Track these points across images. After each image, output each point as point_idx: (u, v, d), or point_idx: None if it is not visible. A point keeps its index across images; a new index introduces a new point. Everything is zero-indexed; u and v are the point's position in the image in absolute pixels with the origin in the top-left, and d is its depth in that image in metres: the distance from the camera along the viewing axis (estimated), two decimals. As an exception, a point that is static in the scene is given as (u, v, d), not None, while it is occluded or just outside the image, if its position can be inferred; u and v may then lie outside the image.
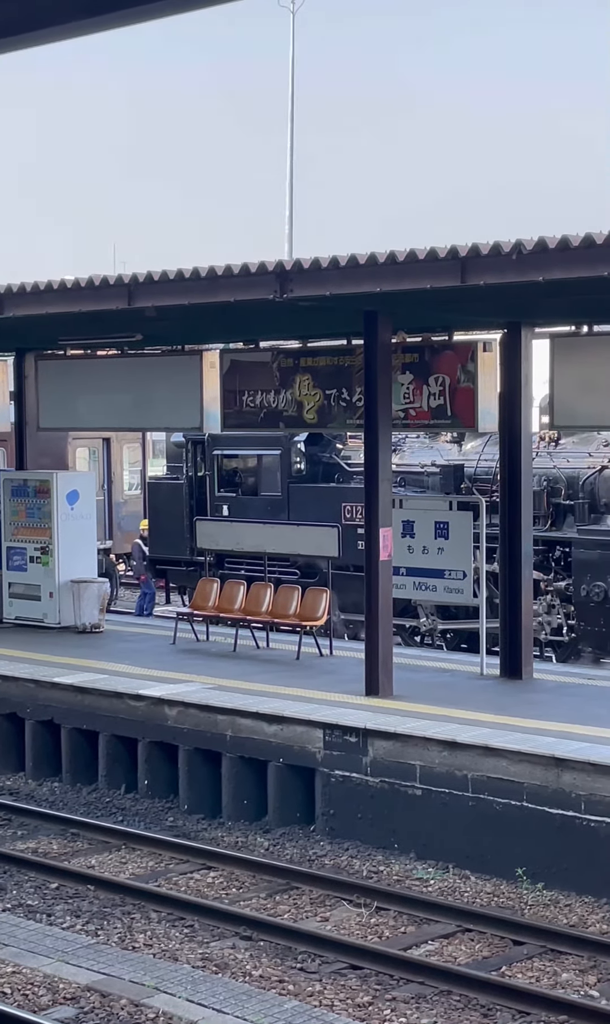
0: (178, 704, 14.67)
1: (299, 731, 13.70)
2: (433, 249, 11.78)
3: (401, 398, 15.39)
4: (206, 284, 13.33)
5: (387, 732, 13.10)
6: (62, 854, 13.05)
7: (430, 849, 12.57)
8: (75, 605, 19.01)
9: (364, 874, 12.33)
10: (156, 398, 17.76)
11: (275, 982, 9.86)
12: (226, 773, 14.15)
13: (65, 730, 15.66)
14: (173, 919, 11.20)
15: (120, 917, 11.25)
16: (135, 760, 15.03)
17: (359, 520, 20.28)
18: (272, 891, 11.93)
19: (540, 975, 10.15)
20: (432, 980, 9.91)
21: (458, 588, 15.82)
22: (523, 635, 15.55)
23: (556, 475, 19.87)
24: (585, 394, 14.47)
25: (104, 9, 3.97)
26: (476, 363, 15.00)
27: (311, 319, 14.99)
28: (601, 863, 11.54)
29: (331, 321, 15.15)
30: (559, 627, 19.56)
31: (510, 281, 11.65)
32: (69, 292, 14.59)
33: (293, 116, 50.57)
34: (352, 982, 9.96)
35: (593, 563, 18.89)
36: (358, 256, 12.21)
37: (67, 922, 11.09)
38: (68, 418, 19.51)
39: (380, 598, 14.64)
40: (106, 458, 27.60)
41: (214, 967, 10.03)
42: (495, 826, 12.22)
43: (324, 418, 16.44)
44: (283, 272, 12.77)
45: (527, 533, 15.60)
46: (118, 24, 4.07)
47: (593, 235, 10.89)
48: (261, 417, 16.96)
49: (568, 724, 13.10)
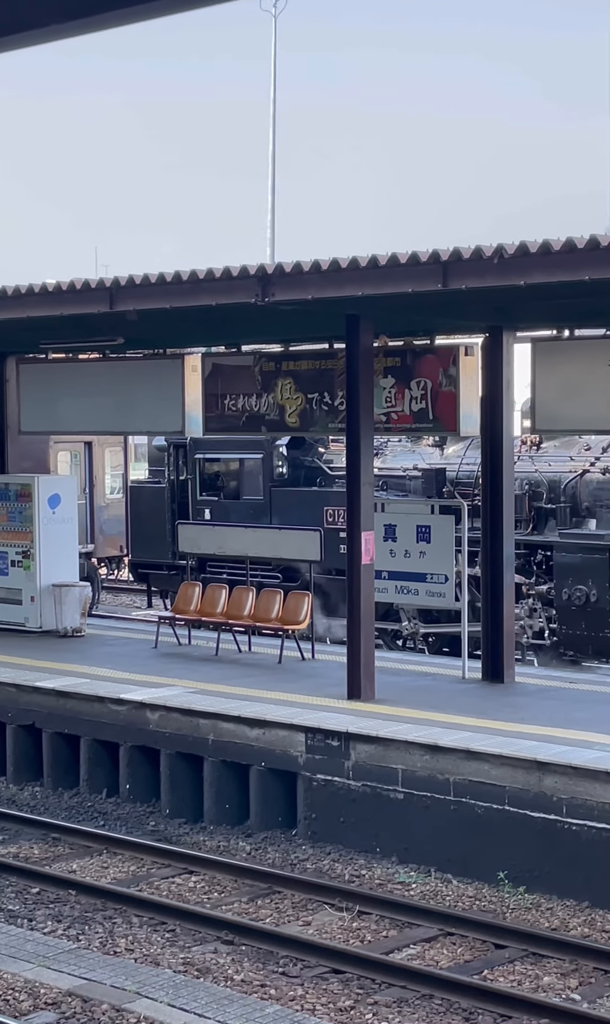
0: (160, 708, 14.65)
1: (281, 735, 13.69)
2: (415, 253, 11.80)
3: (383, 402, 15.40)
4: (188, 288, 13.33)
5: (369, 736, 13.10)
6: (43, 859, 13.02)
7: (412, 853, 12.57)
8: (56, 609, 18.97)
9: (346, 878, 12.32)
10: (138, 402, 17.74)
11: (257, 986, 9.85)
12: (208, 777, 14.13)
13: (46, 734, 15.62)
14: (154, 924, 11.18)
15: (101, 922, 11.23)
16: (117, 764, 15.00)
17: (341, 524, 20.31)
18: (254, 895, 11.92)
19: (522, 979, 10.16)
20: (414, 984, 9.90)
21: (440, 592, 15.83)
22: (505, 639, 15.57)
23: (538, 479, 19.90)
24: (566, 398, 14.50)
25: (83, 13, 3.97)
26: (458, 367, 15.02)
27: (293, 323, 15.00)
28: (582, 866, 11.55)
29: (313, 325, 15.16)
30: (541, 631, 19.59)
31: (491, 285, 11.67)
32: (51, 296, 14.58)
33: (275, 119, 50.62)
34: (334, 986, 9.95)
35: (574, 567, 18.92)
36: (340, 260, 12.22)
37: (48, 927, 11.06)
38: (50, 422, 19.47)
39: (362, 602, 14.64)
40: (88, 462, 27.55)
41: (196, 972, 10.01)
42: (477, 830, 12.22)
43: (306, 422, 16.44)
44: (265, 276, 12.77)
45: (509, 537, 15.62)
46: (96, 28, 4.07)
47: (574, 239, 10.92)
48: (243, 421, 16.95)
49: (550, 728, 13.11)
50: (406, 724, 13.33)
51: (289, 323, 15.08)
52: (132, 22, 4.01)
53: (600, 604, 18.72)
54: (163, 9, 3.92)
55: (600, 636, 18.85)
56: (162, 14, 3.95)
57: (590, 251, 10.89)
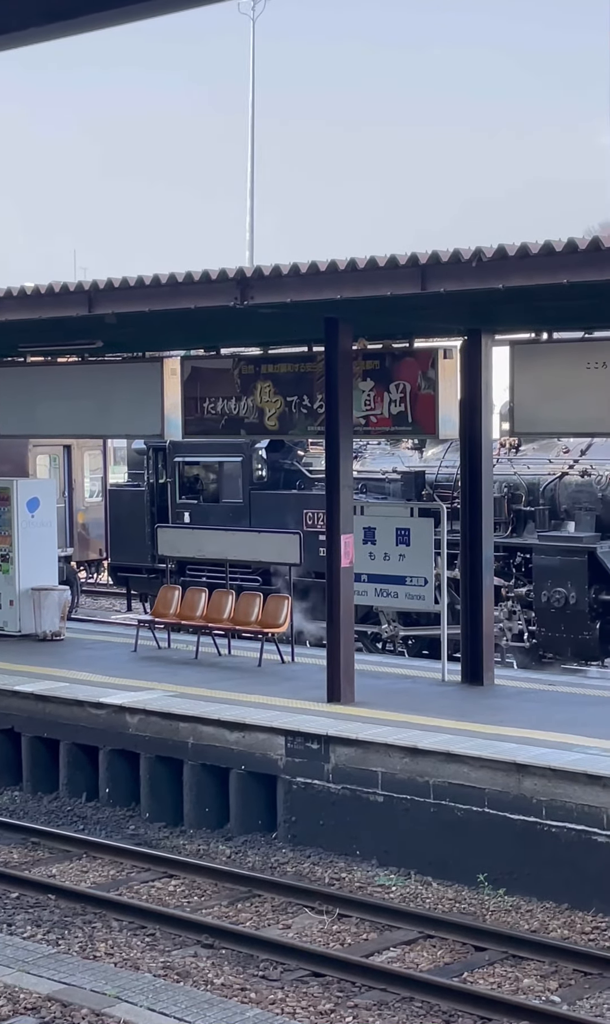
0: (139, 712, 14.63)
1: (261, 738, 13.69)
2: (393, 256, 11.81)
3: (362, 405, 15.41)
4: (167, 291, 13.32)
5: (349, 739, 13.10)
6: (23, 863, 12.98)
7: (392, 855, 12.58)
8: (36, 613, 18.93)
9: (326, 881, 12.32)
10: (117, 405, 17.70)
11: (237, 990, 9.84)
12: (188, 781, 14.12)
13: (26, 738, 15.58)
14: (134, 928, 11.17)
15: (81, 926, 11.21)
16: (96, 768, 14.98)
17: (321, 527, 20.32)
18: (234, 899, 11.91)
19: (502, 981, 10.17)
20: (394, 987, 9.91)
21: (420, 595, 15.84)
22: (484, 641, 15.59)
23: (517, 482, 19.93)
24: (545, 401, 14.53)
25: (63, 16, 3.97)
26: (437, 370, 15.04)
27: (272, 326, 14.99)
28: (562, 868, 11.58)
29: (292, 328, 15.16)
30: (520, 633, 19.62)
31: (470, 288, 11.69)
32: (29, 299, 14.55)
33: (254, 123, 50.65)
34: (314, 989, 9.95)
35: (553, 569, 18.96)
36: (318, 263, 12.22)
37: (28, 932, 11.03)
38: (28, 425, 19.41)
39: (341, 605, 14.64)
40: (67, 465, 27.49)
41: (176, 976, 10.00)
42: (457, 832, 12.24)
43: (285, 425, 16.43)
44: (244, 279, 12.77)
45: (488, 539, 15.64)
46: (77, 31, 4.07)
47: (553, 243, 10.94)
48: (222, 424, 16.94)
49: (529, 730, 13.14)
50: (386, 727, 13.34)
51: (268, 326, 15.08)
52: (115, 24, 4.01)
53: (578, 606, 18.76)
54: (144, 12, 3.92)
55: (579, 638, 18.89)
56: (143, 16, 3.95)
57: (568, 254, 10.92)
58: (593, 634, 18.78)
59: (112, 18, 4.02)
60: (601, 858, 11.39)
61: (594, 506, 19.32)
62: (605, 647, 19.04)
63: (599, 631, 18.79)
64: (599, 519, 19.23)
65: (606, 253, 10.74)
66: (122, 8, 3.96)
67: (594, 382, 13.96)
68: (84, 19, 4.02)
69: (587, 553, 18.71)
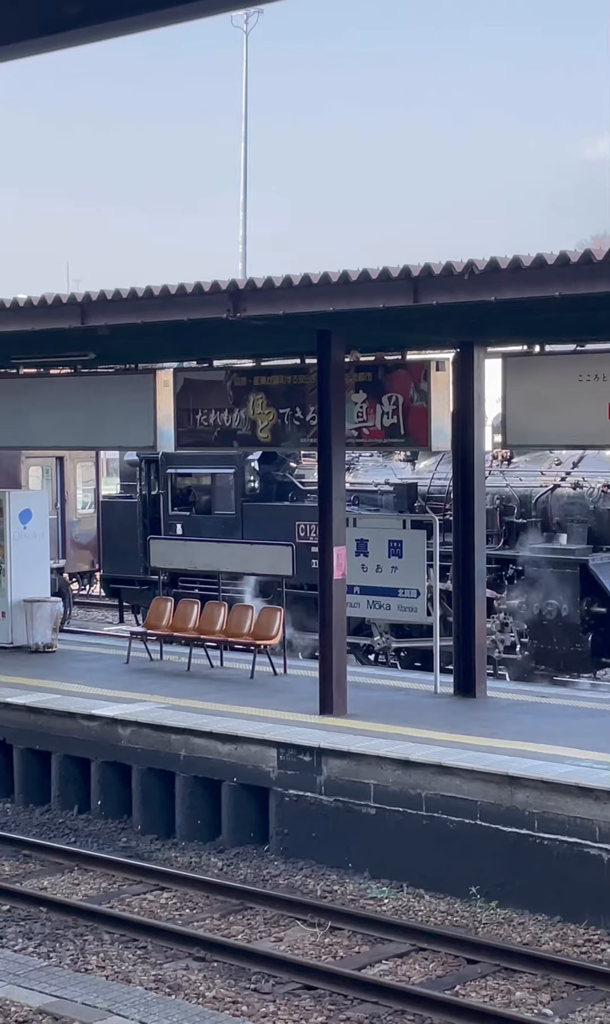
0: (131, 724, 14.61)
1: (253, 750, 13.67)
2: (385, 269, 11.84)
3: (354, 417, 15.42)
4: (159, 303, 13.33)
5: (341, 751, 13.09)
6: (14, 876, 12.95)
7: (384, 868, 12.56)
8: (28, 625, 18.90)
9: (318, 893, 12.30)
10: (109, 417, 17.71)
11: (229, 1003, 9.82)
12: (180, 793, 14.10)
13: (17, 750, 15.55)
14: (126, 941, 11.14)
15: (73, 939, 11.18)
16: (88, 780, 14.95)
17: (313, 539, 20.32)
18: (226, 911, 11.88)
19: (494, 993, 10.15)
20: (386, 1000, 9.89)
21: (412, 607, 15.84)
22: (476, 653, 15.59)
23: (509, 494, 19.96)
24: (537, 413, 14.55)
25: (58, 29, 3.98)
26: (429, 382, 15.06)
27: (264, 338, 15.01)
28: (554, 881, 11.57)
29: (284, 340, 15.18)
30: (512, 645, 19.63)
31: (462, 301, 11.72)
32: (22, 311, 14.55)
33: (247, 135, 50.75)
34: (306, 1002, 9.93)
35: (546, 581, 18.98)
36: (311, 275, 12.25)
37: (19, 945, 11.00)
38: (21, 437, 19.41)
39: (334, 617, 14.64)
40: (59, 477, 27.49)
41: (167, 989, 9.98)
42: (449, 844, 12.22)
43: (278, 437, 16.45)
44: (236, 291, 12.79)
45: (481, 551, 15.65)
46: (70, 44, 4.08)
47: (544, 256, 10.98)
48: (215, 436, 16.95)
49: (521, 742, 13.13)
50: (378, 739, 13.33)
51: (261, 338, 15.10)
52: (110, 37, 4.01)
53: (570, 618, 18.78)
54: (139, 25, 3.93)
55: (571, 650, 18.90)
56: (138, 30, 3.96)
57: (560, 267, 10.95)
58: (585, 646, 18.80)
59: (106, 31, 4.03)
60: (593, 870, 11.38)
61: (586, 518, 19.35)
62: (597, 659, 19.06)
63: (591, 643, 18.81)
64: (591, 531, 19.27)
65: (598, 266, 10.77)
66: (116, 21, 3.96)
67: (586, 394, 13.99)
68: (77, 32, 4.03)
69: (579, 565, 18.73)
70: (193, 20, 3.89)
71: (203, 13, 3.80)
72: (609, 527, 19.23)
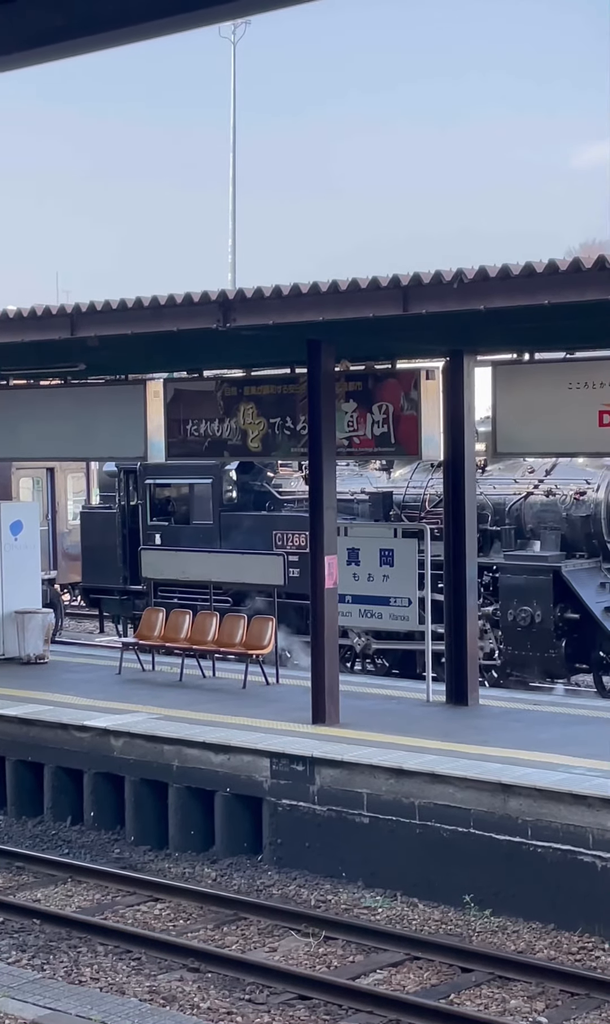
0: (124, 735, 14.59)
1: (246, 760, 13.66)
2: (375, 278, 11.86)
3: (345, 426, 15.44)
4: (149, 314, 13.34)
5: (334, 760, 13.08)
6: (7, 888, 12.92)
7: (378, 877, 12.55)
8: (19, 636, 18.88)
9: (312, 903, 12.28)
10: (100, 428, 17.71)
11: (223, 1014, 9.80)
12: (173, 804, 14.08)
13: (9, 762, 15.53)
14: (120, 952, 11.12)
15: (66, 951, 11.16)
16: (81, 792, 14.93)
17: (291, 548, 20.35)
18: (220, 922, 11.87)
19: (488, 1002, 10.15)
20: (381, 1009, 9.88)
21: (403, 615, 15.85)
22: (468, 661, 15.60)
23: (483, 502, 19.94)
24: (527, 421, 14.58)
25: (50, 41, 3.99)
26: (419, 391, 15.08)
27: (254, 348, 15.02)
28: (548, 889, 11.57)
29: (275, 350, 15.19)
30: (491, 652, 19.65)
31: (452, 310, 11.74)
32: (11, 322, 14.56)
33: (235, 147, 50.84)
34: (301, 1012, 9.91)
35: (519, 588, 19.04)
36: (301, 285, 12.26)
37: (12, 957, 10.98)
38: (11, 448, 19.40)
39: (326, 626, 14.63)
40: (50, 488, 27.46)
41: (162, 1000, 9.96)
42: (442, 853, 12.22)
43: (268, 447, 16.46)
44: (226, 301, 12.80)
45: (472, 559, 15.67)
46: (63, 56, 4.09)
47: (533, 264, 11.00)
48: (206, 446, 16.96)
49: (514, 750, 13.14)
50: (371, 748, 13.33)
51: (251, 348, 15.11)
52: (95, 50, 4.03)
53: (544, 624, 18.84)
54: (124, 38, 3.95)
55: (545, 656, 18.96)
56: (123, 42, 3.97)
57: (549, 275, 10.98)
58: (559, 652, 18.86)
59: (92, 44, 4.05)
60: (587, 878, 11.38)
61: (559, 525, 19.42)
62: (571, 665, 19.14)
63: (564, 649, 18.87)
64: (564, 538, 19.33)
65: (587, 274, 10.80)
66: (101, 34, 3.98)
67: (576, 402, 14.01)
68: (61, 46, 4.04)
69: (552, 572, 18.80)
70: (178, 32, 3.90)
71: (187, 26, 3.82)
72: (582, 534, 19.29)
